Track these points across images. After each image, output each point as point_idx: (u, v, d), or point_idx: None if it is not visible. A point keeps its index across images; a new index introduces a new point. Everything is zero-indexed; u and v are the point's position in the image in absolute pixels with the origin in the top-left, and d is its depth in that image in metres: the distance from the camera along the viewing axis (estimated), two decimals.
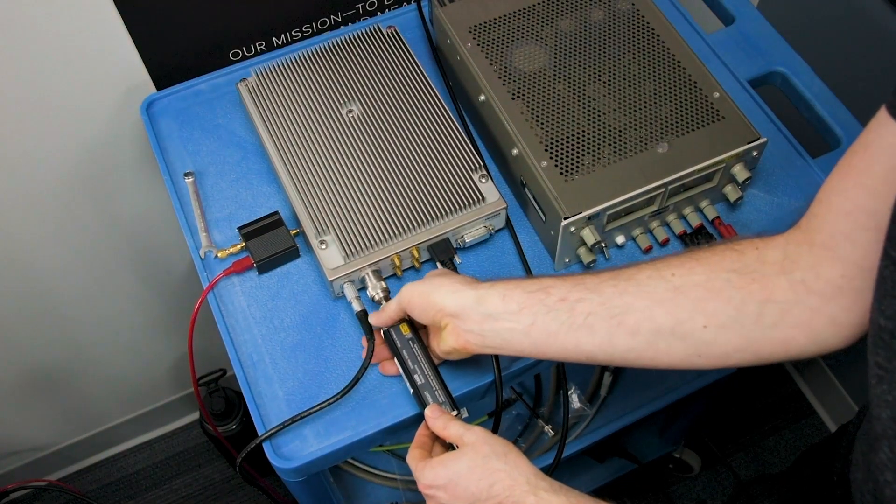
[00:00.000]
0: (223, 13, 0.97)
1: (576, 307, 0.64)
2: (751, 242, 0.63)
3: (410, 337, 0.76)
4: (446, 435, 0.69)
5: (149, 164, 1.11)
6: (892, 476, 0.49)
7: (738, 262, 0.62)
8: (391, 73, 0.93)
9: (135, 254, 1.26)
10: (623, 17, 0.91)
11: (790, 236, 0.62)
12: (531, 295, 0.66)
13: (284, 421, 0.77)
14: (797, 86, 0.98)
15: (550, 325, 0.65)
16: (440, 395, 0.74)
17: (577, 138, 0.83)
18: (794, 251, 0.61)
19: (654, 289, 0.63)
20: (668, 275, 0.63)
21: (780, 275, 0.61)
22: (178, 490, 1.67)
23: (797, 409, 1.69)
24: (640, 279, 0.64)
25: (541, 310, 0.65)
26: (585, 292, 0.65)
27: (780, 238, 0.62)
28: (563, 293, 0.65)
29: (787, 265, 0.61)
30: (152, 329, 1.44)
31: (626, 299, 0.64)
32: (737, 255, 0.63)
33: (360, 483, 1.27)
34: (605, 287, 0.65)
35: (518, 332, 0.66)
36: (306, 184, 0.85)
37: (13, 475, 1.57)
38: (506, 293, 0.67)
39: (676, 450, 1.55)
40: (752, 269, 0.62)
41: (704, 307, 0.62)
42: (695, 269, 0.63)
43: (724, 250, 0.63)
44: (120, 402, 1.58)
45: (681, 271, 0.63)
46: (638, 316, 0.63)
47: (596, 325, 0.64)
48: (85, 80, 0.97)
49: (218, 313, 0.84)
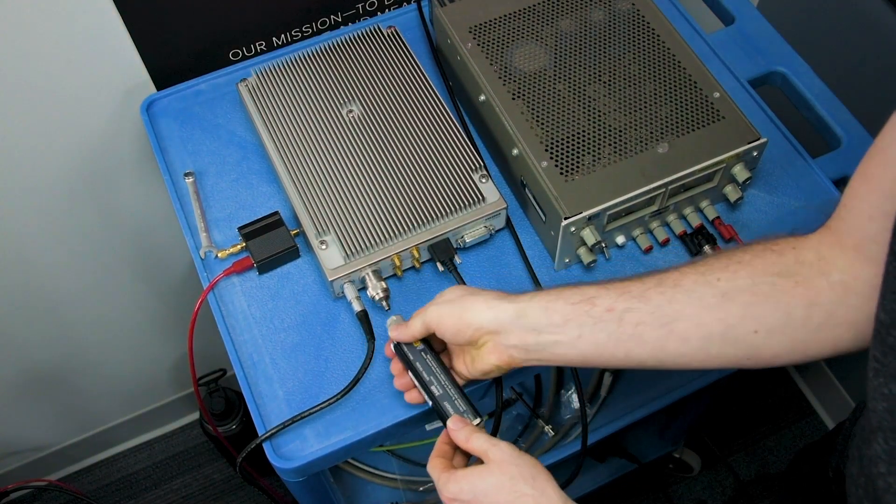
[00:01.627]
0: (223, 13, 0.97)
1: (624, 317, 0.64)
2: (787, 242, 0.64)
3: (422, 348, 0.73)
4: (470, 447, 0.67)
5: (149, 164, 1.11)
6: (885, 468, 0.49)
7: (780, 265, 0.62)
8: (391, 73, 0.93)
9: (135, 254, 1.26)
10: (623, 17, 0.91)
11: (822, 237, 0.63)
12: (575, 307, 0.65)
13: (284, 421, 0.77)
14: (797, 86, 0.98)
15: (598, 337, 0.64)
16: (461, 403, 0.71)
17: (578, 138, 0.83)
18: (827, 252, 0.62)
19: (702, 295, 0.63)
20: (713, 280, 0.63)
21: (819, 276, 0.61)
22: (178, 490, 1.67)
23: (797, 409, 1.69)
24: (686, 285, 0.64)
25: (587, 321, 0.64)
26: (633, 301, 0.64)
27: (812, 238, 0.63)
28: (609, 303, 0.64)
29: (824, 266, 0.61)
30: (152, 329, 1.44)
31: (676, 307, 0.63)
32: (776, 257, 0.63)
33: (360, 483, 1.27)
34: (652, 295, 0.64)
35: (564, 344, 0.65)
36: (306, 184, 0.85)
37: (13, 475, 1.57)
38: (547, 305, 0.66)
39: (676, 450, 1.55)
40: (793, 271, 0.62)
41: (753, 312, 0.62)
42: (739, 273, 0.63)
43: (763, 251, 0.64)
44: (120, 402, 1.58)
45: (725, 275, 0.63)
46: (688, 323, 0.63)
47: (646, 335, 0.64)
48: (85, 80, 0.97)
49: (218, 313, 0.84)
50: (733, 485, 1.62)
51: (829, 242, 0.62)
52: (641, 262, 0.86)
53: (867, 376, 0.51)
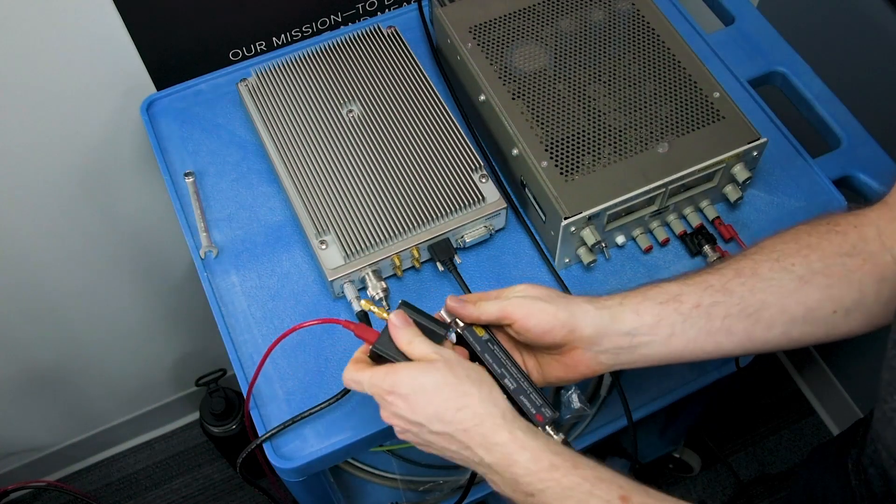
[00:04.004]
0: (223, 13, 0.97)
1: (712, 311, 0.65)
2: (848, 221, 0.66)
3: (487, 338, 0.67)
4: (410, 350, 0.63)
5: (149, 164, 1.11)
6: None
7: (846, 245, 0.64)
8: (391, 73, 0.93)
9: (135, 254, 1.26)
10: (623, 17, 0.91)
11: (881, 212, 0.65)
12: (664, 306, 0.66)
13: (285, 421, 0.77)
14: (797, 86, 0.98)
15: (689, 334, 0.65)
16: (536, 398, 0.66)
17: (578, 138, 0.83)
18: (886, 227, 0.64)
19: (781, 281, 0.65)
20: (788, 265, 0.65)
21: (883, 252, 0.63)
22: (178, 490, 1.67)
23: (797, 409, 1.69)
24: (763, 274, 0.65)
25: (678, 319, 0.65)
26: (717, 295, 0.65)
27: (871, 213, 0.65)
28: (695, 299, 0.65)
29: (886, 241, 0.63)
30: (152, 329, 1.44)
31: (759, 296, 0.65)
32: (841, 238, 0.65)
33: (360, 483, 1.27)
34: (734, 286, 0.65)
35: (657, 344, 0.66)
36: (306, 184, 0.85)
37: (13, 475, 1.57)
38: (637, 307, 0.66)
39: (676, 450, 1.55)
40: (859, 249, 0.64)
41: (831, 294, 0.64)
42: (810, 257, 0.65)
43: (827, 233, 0.65)
44: (120, 402, 1.58)
45: (798, 260, 0.65)
46: (772, 311, 0.65)
47: (734, 327, 0.65)
48: (85, 80, 0.97)
49: (218, 313, 0.84)
50: (733, 485, 1.62)
51: (887, 217, 0.64)
52: (641, 262, 0.86)
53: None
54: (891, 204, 0.64)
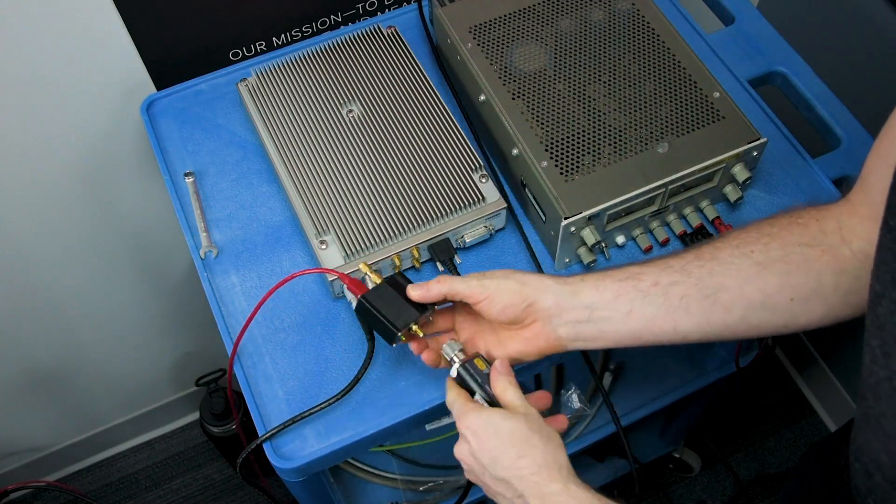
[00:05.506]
0: (223, 13, 0.97)
1: (670, 290, 0.66)
2: (810, 214, 0.67)
3: (488, 371, 0.68)
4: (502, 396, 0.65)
5: (149, 164, 1.11)
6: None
7: (806, 235, 0.65)
8: (391, 73, 0.93)
9: (135, 253, 1.26)
10: (623, 17, 0.91)
11: (842, 208, 0.66)
12: (624, 283, 0.67)
13: (285, 421, 0.77)
14: (797, 86, 0.98)
15: (647, 311, 0.66)
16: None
17: (577, 138, 0.83)
18: (847, 222, 0.65)
19: (740, 266, 0.66)
20: (748, 252, 0.66)
21: (842, 245, 0.64)
22: (178, 490, 1.67)
23: (797, 409, 1.69)
24: (723, 258, 0.66)
25: (637, 296, 0.67)
26: (676, 275, 0.67)
27: (833, 209, 0.66)
28: (654, 278, 0.67)
29: (846, 235, 0.64)
30: (152, 329, 1.44)
31: (717, 279, 0.66)
32: (802, 229, 0.66)
33: (360, 483, 1.27)
34: (692, 268, 0.67)
35: (615, 320, 0.67)
36: (306, 184, 0.85)
37: (13, 475, 1.57)
38: (598, 283, 0.67)
39: (676, 450, 1.55)
40: (819, 240, 0.65)
41: (789, 280, 0.65)
42: (770, 245, 0.66)
43: (789, 224, 0.67)
44: (120, 402, 1.58)
45: (758, 247, 0.66)
46: (730, 294, 0.66)
47: (692, 307, 0.66)
48: (85, 80, 0.97)
49: (218, 313, 0.84)
50: (733, 485, 1.62)
51: (848, 212, 0.65)
52: None
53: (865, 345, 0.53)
54: (853, 200, 0.66)
